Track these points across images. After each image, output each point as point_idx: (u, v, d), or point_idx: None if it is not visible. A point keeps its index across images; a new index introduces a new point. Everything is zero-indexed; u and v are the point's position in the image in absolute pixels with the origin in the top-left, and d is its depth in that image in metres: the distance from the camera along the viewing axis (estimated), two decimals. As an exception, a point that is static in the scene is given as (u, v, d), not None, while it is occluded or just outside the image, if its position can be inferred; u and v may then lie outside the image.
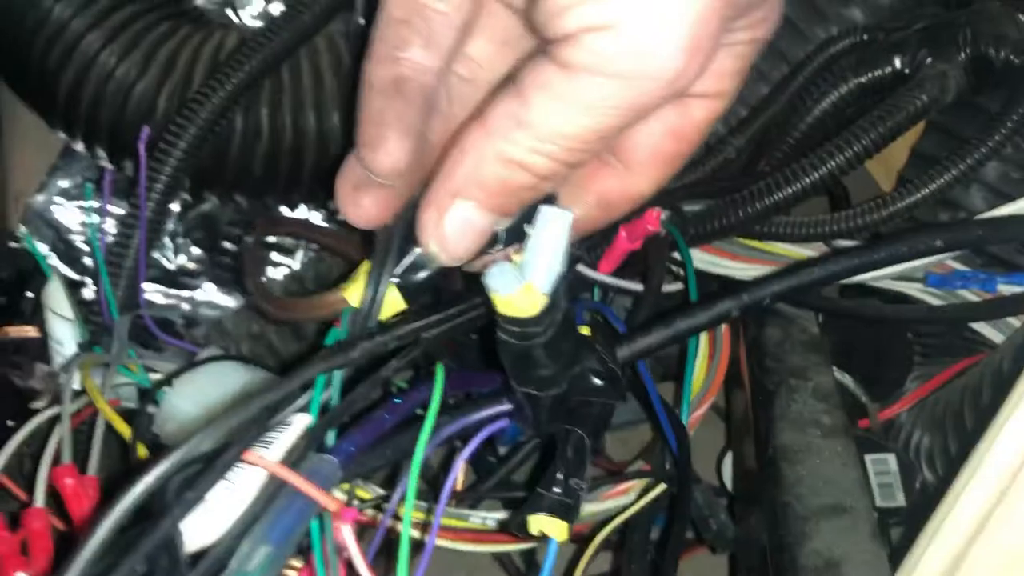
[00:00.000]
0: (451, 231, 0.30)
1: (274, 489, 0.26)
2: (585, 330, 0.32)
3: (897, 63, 0.50)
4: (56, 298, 0.42)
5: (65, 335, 0.41)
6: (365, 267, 0.32)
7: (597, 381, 0.31)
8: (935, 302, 0.49)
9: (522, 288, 0.27)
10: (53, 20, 0.54)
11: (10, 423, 0.65)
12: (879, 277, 0.46)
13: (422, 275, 0.32)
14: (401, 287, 0.32)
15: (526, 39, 0.32)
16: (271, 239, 0.62)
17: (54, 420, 0.39)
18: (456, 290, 0.37)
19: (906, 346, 0.55)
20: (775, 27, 0.31)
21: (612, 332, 0.36)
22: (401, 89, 0.31)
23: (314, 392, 0.29)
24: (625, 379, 0.32)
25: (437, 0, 0.31)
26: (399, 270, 0.32)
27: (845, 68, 0.51)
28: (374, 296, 0.31)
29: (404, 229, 0.32)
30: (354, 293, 0.32)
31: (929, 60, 0.49)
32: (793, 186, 0.47)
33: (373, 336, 0.31)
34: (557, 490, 0.29)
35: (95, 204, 0.59)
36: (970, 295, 0.49)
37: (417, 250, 0.31)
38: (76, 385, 0.41)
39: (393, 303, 0.32)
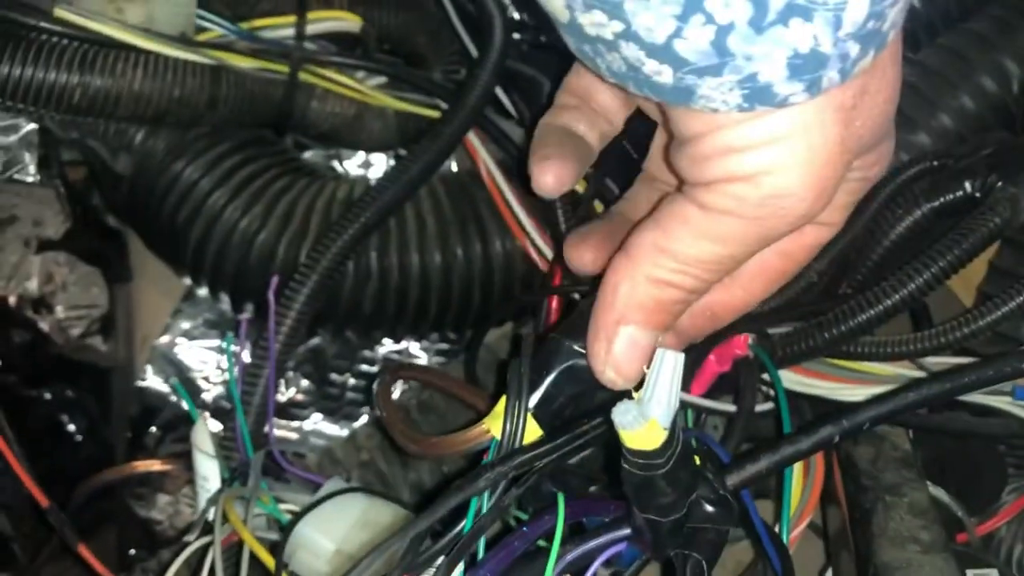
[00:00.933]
0: (621, 354, 0.33)
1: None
2: (696, 459, 0.34)
3: (968, 187, 0.52)
4: (202, 437, 0.45)
5: (211, 472, 0.45)
6: (503, 401, 0.36)
7: (710, 508, 0.33)
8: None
9: (647, 424, 0.29)
10: (183, 181, 0.60)
11: (132, 551, 0.70)
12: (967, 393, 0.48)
13: (554, 406, 0.36)
14: (536, 417, 0.36)
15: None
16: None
17: (199, 550, 0.43)
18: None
19: (999, 459, 0.55)
20: (886, 169, 0.35)
21: (718, 459, 0.39)
22: (563, 132, 0.37)
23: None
24: (736, 509, 0.34)
25: (594, 102, 0.37)
26: (533, 402, 0.35)
27: (918, 193, 0.54)
28: (516, 427, 0.35)
29: (534, 364, 0.35)
30: (496, 423, 0.35)
31: (999, 184, 0.51)
32: (876, 308, 0.49)
33: (494, 466, 0.34)
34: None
35: (219, 344, 0.64)
36: (1060, 407, 0.50)
37: (547, 382, 0.35)
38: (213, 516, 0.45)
39: (532, 432, 0.35)
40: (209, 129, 0.61)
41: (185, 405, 0.69)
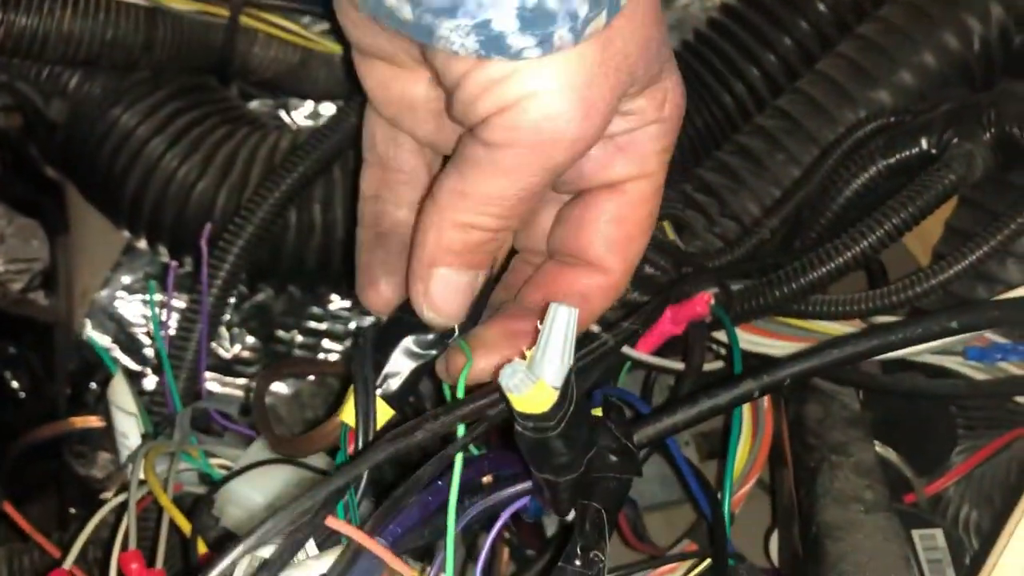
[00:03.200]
0: (437, 295, 0.35)
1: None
2: (597, 411, 0.34)
3: (924, 144, 0.51)
4: (121, 393, 0.44)
5: (130, 428, 0.44)
6: (351, 390, 0.36)
7: (613, 458, 0.33)
8: (976, 375, 0.50)
9: (535, 386, 0.28)
10: (120, 128, 0.58)
11: (72, 510, 0.68)
12: (916, 352, 0.47)
13: (399, 381, 0.37)
14: (385, 397, 0.36)
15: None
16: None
17: (119, 509, 0.41)
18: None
19: (950, 420, 0.55)
20: (680, 111, 0.36)
21: (635, 413, 0.38)
22: (383, 243, 0.40)
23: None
24: (647, 455, 0.34)
25: (398, 172, 0.39)
26: (379, 383, 0.36)
27: (874, 150, 0.53)
28: (367, 411, 0.35)
29: (373, 348, 0.36)
30: (348, 414, 0.36)
31: (955, 140, 0.50)
32: (827, 265, 0.48)
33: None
34: (577, 563, 0.30)
35: (157, 298, 0.62)
36: (1013, 368, 0.49)
37: (389, 363, 0.36)
38: (140, 475, 0.43)
39: (384, 413, 0.36)
40: (148, 75, 0.58)
41: (128, 360, 0.67)
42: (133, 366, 0.68)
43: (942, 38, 0.57)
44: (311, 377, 0.51)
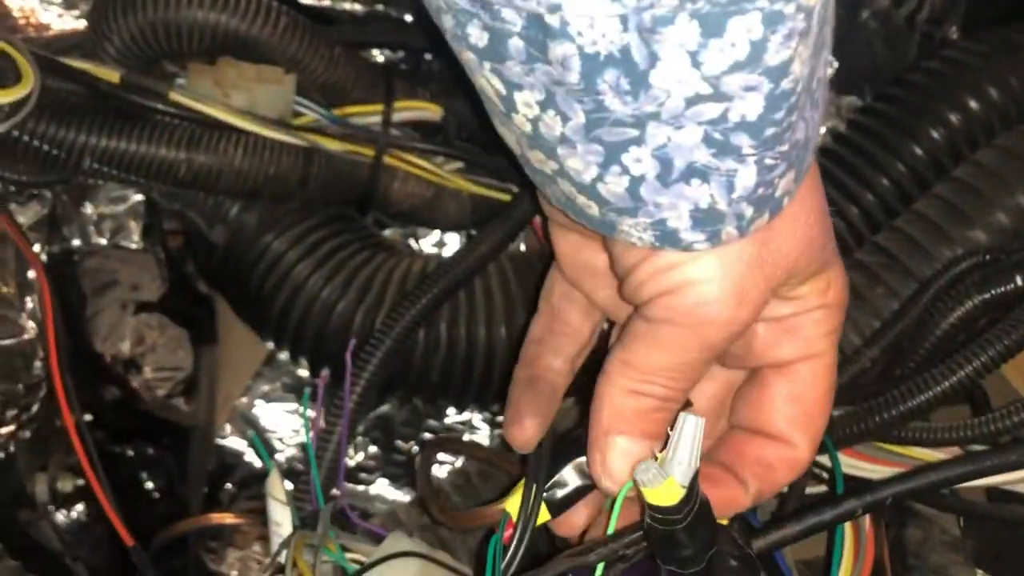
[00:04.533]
0: (614, 464, 0.37)
1: None
2: (723, 521, 0.37)
3: (1019, 281, 0.54)
4: (276, 486, 0.49)
5: (283, 518, 0.48)
6: (520, 485, 0.40)
7: (733, 562, 0.36)
8: (1078, 507, 0.51)
9: (665, 482, 0.32)
10: (272, 252, 0.64)
11: (198, 606, 0.72)
12: (1014, 482, 0.48)
13: (564, 492, 0.40)
14: (547, 501, 0.40)
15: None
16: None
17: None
18: None
19: (1055, 552, 0.55)
20: (844, 297, 0.39)
21: (748, 526, 0.41)
22: (535, 384, 0.44)
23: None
24: (760, 566, 0.37)
25: (565, 324, 0.44)
26: (547, 487, 0.40)
27: (970, 285, 0.55)
28: (529, 510, 0.39)
29: (549, 454, 0.40)
30: (513, 505, 0.40)
31: (1049, 278, 0.53)
32: (926, 393, 0.51)
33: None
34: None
35: (295, 407, 0.68)
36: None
37: (562, 472, 0.40)
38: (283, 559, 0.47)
39: (543, 515, 0.40)
40: (298, 205, 0.65)
41: (260, 463, 0.73)
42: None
43: (1036, 181, 0.60)
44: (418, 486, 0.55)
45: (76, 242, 0.66)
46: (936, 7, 0.75)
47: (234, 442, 0.73)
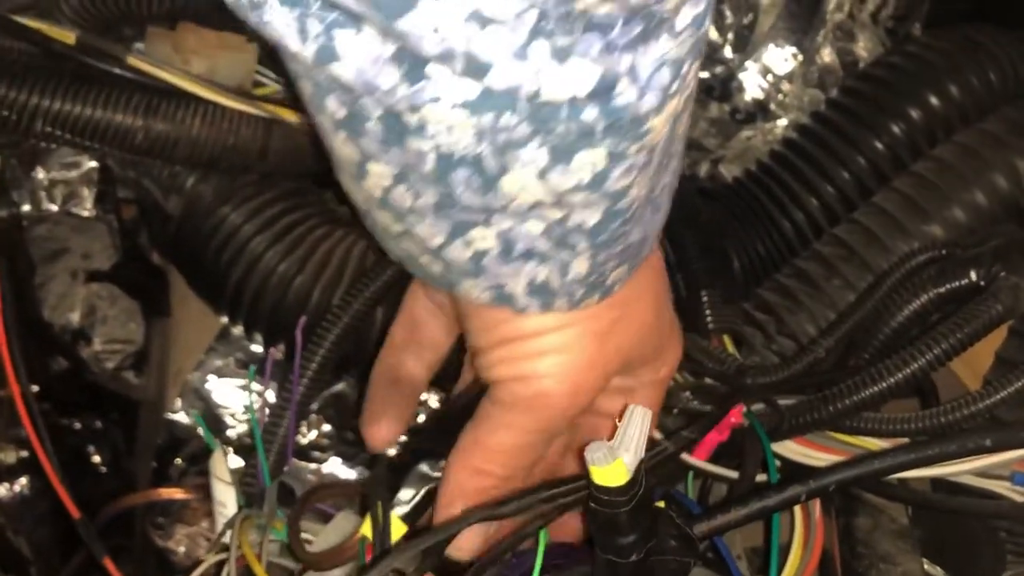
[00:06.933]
0: (460, 538, 0.40)
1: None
2: (660, 504, 0.38)
3: (973, 275, 0.55)
4: (220, 466, 0.48)
5: (228, 498, 0.48)
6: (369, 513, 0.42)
7: (673, 543, 0.36)
8: (1022, 500, 0.51)
9: (614, 463, 0.34)
10: (228, 224, 0.63)
11: (146, 582, 0.71)
12: (959, 473, 0.49)
13: (413, 501, 0.42)
14: (400, 516, 0.42)
15: None
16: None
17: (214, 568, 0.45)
18: None
19: (998, 544, 0.56)
20: (673, 371, 0.45)
21: (687, 511, 0.42)
22: (396, 387, 0.47)
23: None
24: (703, 551, 0.37)
25: (427, 338, 0.47)
26: (394, 503, 0.42)
27: (925, 279, 0.56)
28: (383, 528, 0.41)
29: (385, 475, 0.43)
30: (367, 529, 0.41)
31: (1003, 274, 0.53)
32: (878, 384, 0.51)
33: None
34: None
35: (249, 383, 0.67)
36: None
37: (401, 492, 0.42)
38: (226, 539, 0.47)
39: (398, 529, 0.42)
40: (256, 178, 0.64)
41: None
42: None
43: (992, 178, 0.61)
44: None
45: (26, 207, 0.64)
46: (900, 4, 0.76)
47: (184, 417, 0.72)
